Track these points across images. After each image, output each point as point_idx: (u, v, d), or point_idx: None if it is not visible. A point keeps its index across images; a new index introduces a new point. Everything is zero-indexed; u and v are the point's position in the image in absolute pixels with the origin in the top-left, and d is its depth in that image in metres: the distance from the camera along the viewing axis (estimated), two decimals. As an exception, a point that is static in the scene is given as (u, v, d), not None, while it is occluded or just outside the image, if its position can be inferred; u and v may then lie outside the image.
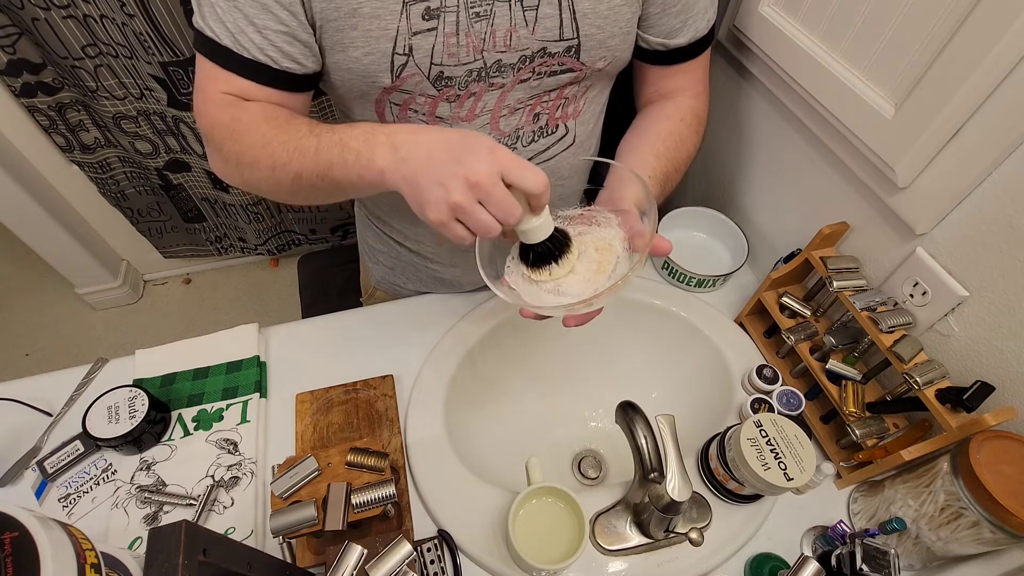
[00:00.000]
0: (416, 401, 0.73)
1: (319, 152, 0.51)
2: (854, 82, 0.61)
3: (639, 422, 0.56)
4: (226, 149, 0.56)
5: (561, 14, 0.57)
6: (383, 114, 0.63)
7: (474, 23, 0.55)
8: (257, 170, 0.55)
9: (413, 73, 0.57)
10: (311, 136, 0.52)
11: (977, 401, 0.53)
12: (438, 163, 0.46)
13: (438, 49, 0.56)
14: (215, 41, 0.53)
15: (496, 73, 0.60)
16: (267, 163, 0.54)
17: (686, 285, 0.85)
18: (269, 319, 1.02)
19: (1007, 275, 0.53)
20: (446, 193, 0.45)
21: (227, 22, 0.52)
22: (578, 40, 0.59)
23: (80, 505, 0.65)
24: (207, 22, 0.53)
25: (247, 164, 0.55)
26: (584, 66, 0.62)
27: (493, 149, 0.45)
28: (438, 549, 0.61)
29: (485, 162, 0.44)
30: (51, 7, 1.18)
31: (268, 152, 0.54)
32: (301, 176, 0.53)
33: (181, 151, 1.54)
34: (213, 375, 0.76)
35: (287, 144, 0.53)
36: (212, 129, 0.56)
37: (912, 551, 0.58)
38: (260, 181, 0.57)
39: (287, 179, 0.54)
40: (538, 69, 0.61)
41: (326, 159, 0.51)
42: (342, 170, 0.51)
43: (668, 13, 0.63)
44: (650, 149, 0.65)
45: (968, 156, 0.52)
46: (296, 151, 0.52)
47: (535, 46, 0.58)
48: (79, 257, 1.79)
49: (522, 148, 0.68)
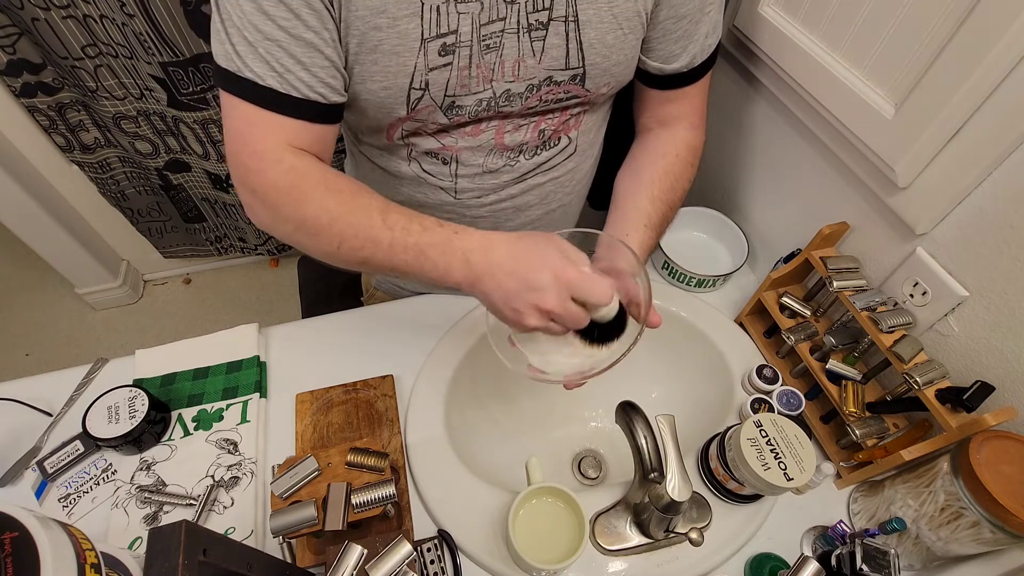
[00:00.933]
0: (416, 401, 0.73)
1: (393, 250, 0.51)
2: (854, 82, 0.61)
3: (639, 422, 0.56)
4: (284, 213, 0.54)
5: (567, 44, 0.58)
6: (393, 136, 0.64)
7: (484, 55, 0.56)
8: (319, 242, 0.54)
9: (427, 105, 0.58)
10: (385, 228, 0.51)
11: (977, 401, 0.53)
12: (511, 291, 0.48)
13: (452, 82, 0.57)
14: (256, 83, 0.51)
15: (505, 103, 0.60)
16: (333, 241, 0.53)
17: (686, 285, 0.85)
18: (269, 319, 1.02)
19: (1007, 275, 0.53)
20: (521, 317, 0.49)
21: (271, 62, 0.50)
22: (583, 69, 0.60)
23: (80, 505, 0.65)
24: (245, 62, 0.50)
25: (306, 232, 0.54)
26: (589, 92, 0.63)
27: (559, 272, 0.47)
28: (438, 549, 0.61)
29: (553, 291, 0.47)
30: (51, 7, 1.18)
31: (335, 231, 0.53)
32: (370, 261, 0.53)
33: (181, 151, 1.54)
34: (213, 375, 0.76)
35: (357, 228, 0.52)
36: (265, 191, 0.54)
37: (912, 551, 0.58)
38: (318, 251, 0.56)
39: (352, 259, 0.54)
40: (544, 97, 0.62)
41: (401, 259, 0.52)
42: (417, 273, 0.52)
43: (669, 39, 0.63)
44: (646, 194, 0.66)
45: (968, 156, 0.52)
46: (368, 240, 0.52)
47: (542, 75, 0.59)
48: (79, 257, 1.79)
49: (525, 160, 0.69)
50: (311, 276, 1.17)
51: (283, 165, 0.53)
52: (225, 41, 0.51)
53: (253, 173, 0.53)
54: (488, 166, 0.68)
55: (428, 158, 0.67)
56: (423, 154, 0.67)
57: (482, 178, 0.69)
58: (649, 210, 0.64)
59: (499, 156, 0.67)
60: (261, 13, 0.48)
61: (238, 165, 0.54)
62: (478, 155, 0.66)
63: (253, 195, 0.55)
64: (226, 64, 0.51)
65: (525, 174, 0.70)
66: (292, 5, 0.49)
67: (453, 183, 0.69)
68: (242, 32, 0.49)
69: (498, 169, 0.68)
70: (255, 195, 0.54)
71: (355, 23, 0.51)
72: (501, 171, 0.69)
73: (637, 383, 0.86)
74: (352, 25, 0.51)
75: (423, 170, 0.68)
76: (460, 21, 0.53)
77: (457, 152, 0.66)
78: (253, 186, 0.54)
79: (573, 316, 0.48)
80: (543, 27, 0.56)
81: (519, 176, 0.70)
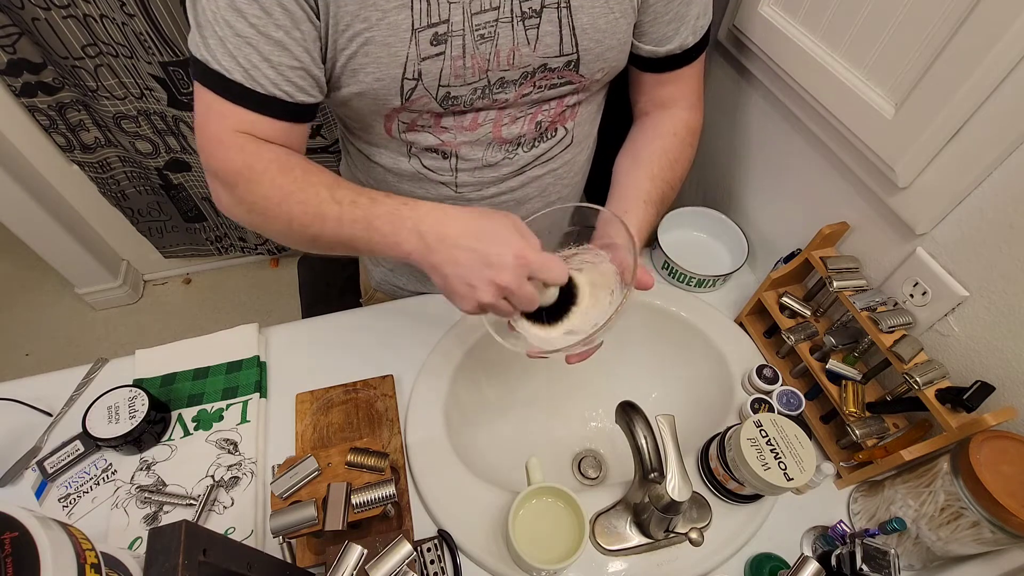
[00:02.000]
0: (416, 401, 0.73)
1: (341, 223, 0.52)
2: (854, 82, 0.61)
3: (639, 422, 0.56)
4: (238, 194, 0.56)
5: (561, 31, 0.58)
6: (391, 129, 0.64)
7: (479, 45, 0.56)
8: (271, 221, 0.55)
9: (422, 96, 0.58)
10: (332, 203, 0.52)
11: (977, 401, 0.53)
12: (466, 265, 0.48)
13: (446, 72, 0.57)
14: (224, 76, 0.52)
15: (499, 89, 0.61)
16: (283, 219, 0.54)
17: (686, 285, 0.85)
18: (269, 319, 1.02)
19: (1007, 275, 0.53)
20: (474, 292, 0.48)
21: (239, 58, 0.51)
22: (577, 55, 0.60)
23: (80, 505, 0.65)
24: (214, 56, 0.52)
25: (259, 212, 0.55)
26: (583, 78, 0.63)
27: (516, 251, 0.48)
28: (438, 549, 0.61)
29: (510, 268, 0.47)
30: (51, 7, 1.18)
31: (284, 209, 0.54)
32: (319, 238, 0.54)
33: (181, 151, 1.54)
34: (213, 375, 0.76)
35: (306, 205, 0.53)
36: (223, 172, 0.55)
37: (912, 551, 0.58)
38: (272, 231, 0.57)
39: (303, 237, 0.55)
40: (539, 83, 0.62)
41: (348, 233, 0.52)
42: (366, 245, 0.52)
43: (660, 21, 0.63)
44: (645, 172, 0.66)
45: (968, 156, 0.52)
46: (316, 216, 0.52)
47: (536, 62, 0.60)
48: (79, 257, 1.79)
49: (524, 153, 0.69)
50: (311, 276, 1.17)
51: (238, 148, 0.55)
52: (196, 33, 0.53)
53: (212, 157, 0.55)
54: (487, 160, 0.68)
55: (428, 154, 0.67)
56: (423, 150, 0.67)
57: (482, 171, 0.69)
58: (648, 187, 0.64)
59: (498, 150, 0.67)
60: (233, 10, 0.50)
61: (201, 149, 0.56)
62: (477, 149, 0.67)
63: (215, 178, 0.57)
64: (197, 54, 0.53)
65: (524, 166, 0.71)
66: (264, 3, 0.50)
67: (453, 177, 0.69)
68: (213, 27, 0.51)
69: (497, 162, 0.69)
70: (216, 178, 0.57)
71: (344, 18, 0.52)
72: (500, 164, 0.69)
73: (637, 383, 0.86)
74: (342, 20, 0.52)
75: (423, 166, 0.69)
76: (451, 11, 0.54)
77: (456, 147, 0.66)
78: (214, 168, 0.56)
79: (527, 296, 0.49)
80: (536, 14, 0.56)
81: (518, 169, 0.71)
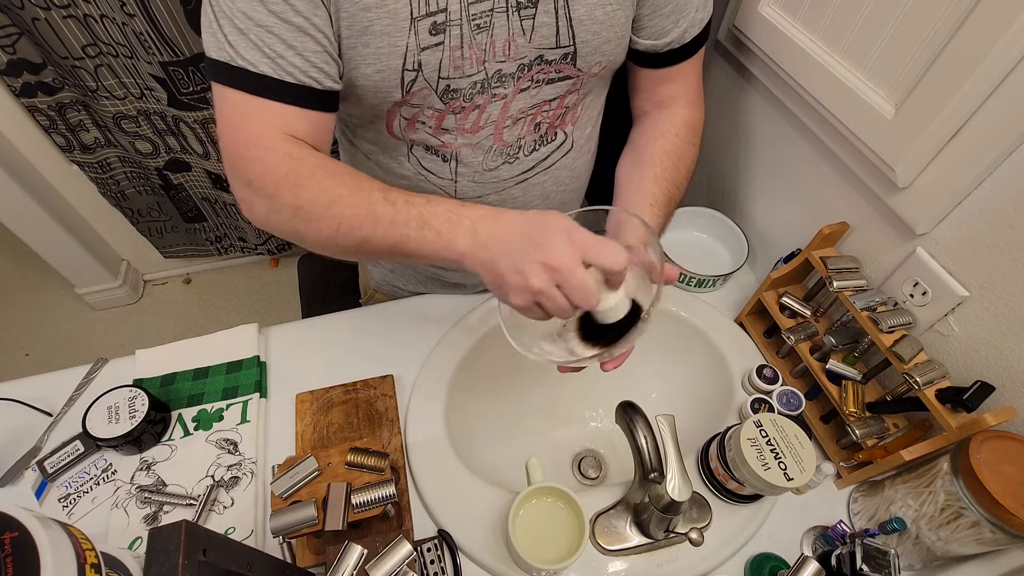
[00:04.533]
0: (416, 401, 0.73)
1: (395, 224, 0.51)
2: (854, 82, 0.61)
3: (639, 422, 0.56)
4: (280, 200, 0.53)
5: (558, 22, 0.58)
6: (392, 127, 0.64)
7: (476, 35, 0.56)
8: (316, 226, 0.53)
9: (422, 88, 0.58)
10: (386, 204, 0.51)
11: (977, 401, 0.53)
12: (516, 250, 0.47)
13: (445, 63, 0.57)
14: (249, 71, 0.51)
15: (497, 83, 0.60)
16: (331, 223, 0.52)
17: (686, 285, 0.85)
18: (269, 319, 1.02)
19: (1007, 275, 0.53)
20: (525, 279, 0.46)
21: (263, 48, 0.50)
22: (574, 47, 0.60)
23: (80, 505, 0.65)
24: (237, 51, 0.50)
25: (303, 218, 0.53)
26: (581, 72, 0.63)
27: (570, 231, 0.46)
28: (438, 549, 0.61)
29: (562, 246, 0.45)
30: (51, 7, 1.18)
31: (334, 212, 0.52)
32: (368, 241, 0.52)
33: (181, 151, 1.54)
34: (213, 375, 0.76)
35: (357, 207, 0.51)
36: (263, 180, 0.53)
37: (912, 551, 0.58)
38: (314, 238, 0.54)
39: (351, 241, 0.53)
40: (536, 77, 0.61)
41: (402, 232, 0.50)
42: (419, 245, 0.50)
43: (659, 15, 0.63)
44: (649, 174, 0.65)
45: (968, 156, 0.52)
46: (368, 217, 0.51)
47: (532, 54, 0.59)
48: (79, 257, 1.79)
49: (524, 157, 0.69)
50: (311, 276, 1.17)
51: (279, 152, 0.52)
52: (217, 32, 0.51)
53: (249, 162, 0.53)
54: (488, 164, 0.68)
55: (428, 155, 0.67)
56: (423, 151, 0.67)
57: (482, 176, 0.69)
58: (653, 189, 0.64)
59: (498, 154, 0.67)
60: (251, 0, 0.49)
61: (233, 156, 0.53)
62: (477, 153, 0.66)
63: (249, 187, 0.54)
64: (218, 55, 0.51)
65: (525, 172, 0.70)
66: None
67: (453, 182, 0.69)
68: (233, 21, 0.50)
69: (497, 167, 0.68)
70: (251, 186, 0.54)
71: (345, 5, 0.51)
72: (500, 169, 0.69)
73: (637, 383, 0.86)
74: (342, 8, 0.52)
75: (423, 167, 0.68)
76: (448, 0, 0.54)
77: (456, 150, 0.66)
78: (250, 176, 0.53)
79: (580, 283, 0.45)
80: (532, 5, 0.56)
81: (519, 174, 0.70)
